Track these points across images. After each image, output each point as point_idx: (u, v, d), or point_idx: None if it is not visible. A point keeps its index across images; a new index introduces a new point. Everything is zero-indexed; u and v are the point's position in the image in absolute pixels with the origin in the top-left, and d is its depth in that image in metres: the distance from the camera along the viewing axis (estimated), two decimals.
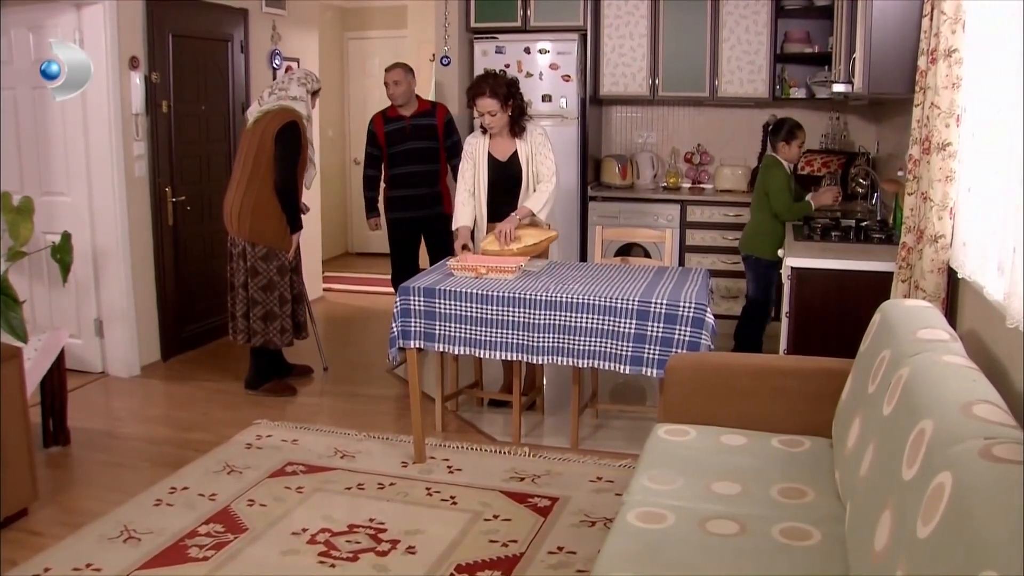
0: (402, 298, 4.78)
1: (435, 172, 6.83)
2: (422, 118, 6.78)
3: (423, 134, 6.77)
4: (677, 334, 4.41)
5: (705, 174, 7.95)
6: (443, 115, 6.83)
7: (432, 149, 6.79)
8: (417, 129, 6.76)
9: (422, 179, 6.81)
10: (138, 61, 6.32)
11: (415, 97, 6.82)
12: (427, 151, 6.79)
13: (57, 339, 5.05)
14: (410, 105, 6.78)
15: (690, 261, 7.36)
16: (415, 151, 6.78)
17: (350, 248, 11.79)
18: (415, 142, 6.76)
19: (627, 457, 4.89)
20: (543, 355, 4.61)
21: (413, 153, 6.78)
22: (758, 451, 3.40)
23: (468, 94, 5.51)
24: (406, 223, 6.89)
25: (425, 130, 6.77)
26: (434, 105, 6.91)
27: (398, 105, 6.77)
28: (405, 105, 6.76)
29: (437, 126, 6.78)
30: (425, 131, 6.77)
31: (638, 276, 4.98)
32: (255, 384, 6.11)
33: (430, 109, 6.84)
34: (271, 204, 5.78)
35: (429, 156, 6.80)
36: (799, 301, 4.55)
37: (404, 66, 6.82)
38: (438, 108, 6.88)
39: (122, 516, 4.30)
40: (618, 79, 7.63)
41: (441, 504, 4.41)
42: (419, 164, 6.78)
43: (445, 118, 6.82)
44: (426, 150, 6.79)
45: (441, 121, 6.79)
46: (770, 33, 7.29)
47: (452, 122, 6.87)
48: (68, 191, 6.34)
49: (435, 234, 6.87)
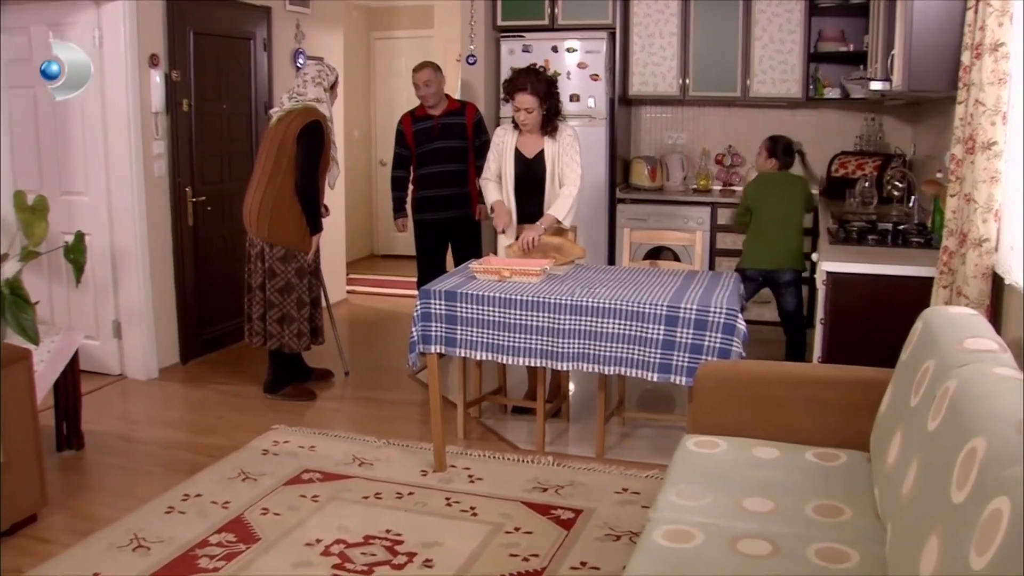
0: (422, 302, 4.64)
1: (464, 172, 6.68)
2: (451, 117, 6.64)
3: (452, 133, 6.62)
4: (707, 340, 4.25)
5: (736, 176, 7.78)
6: (472, 114, 6.68)
7: (461, 149, 6.65)
8: (446, 128, 6.62)
9: (451, 179, 6.67)
10: (158, 59, 6.22)
11: (444, 96, 6.68)
12: (456, 151, 6.64)
13: (71, 341, 4.95)
14: (440, 104, 6.63)
15: (720, 265, 7.19)
16: (444, 151, 6.63)
17: (375, 250, 11.68)
18: (444, 141, 6.61)
19: (654, 468, 4.73)
20: (568, 361, 4.46)
21: (442, 153, 6.63)
22: (792, 465, 3.23)
23: (506, 87, 5.38)
24: (434, 224, 6.74)
25: (454, 129, 6.63)
26: (463, 104, 6.77)
27: (428, 106, 6.62)
28: (435, 105, 6.62)
29: (467, 125, 6.64)
30: (454, 130, 6.63)
31: (667, 280, 4.83)
32: (274, 388, 5.99)
33: (459, 108, 6.69)
34: (291, 205, 5.66)
35: (458, 156, 6.65)
36: (834, 307, 4.37)
37: (433, 65, 6.64)
38: (467, 107, 6.74)
39: (133, 523, 4.17)
40: (647, 79, 7.47)
41: (460, 515, 4.26)
42: (448, 164, 6.64)
43: (475, 117, 6.68)
44: (455, 150, 6.64)
45: (471, 120, 6.65)
46: (803, 31, 7.12)
47: (482, 121, 6.73)
48: (87, 190, 6.25)
49: (462, 236, 6.75)
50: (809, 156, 7.55)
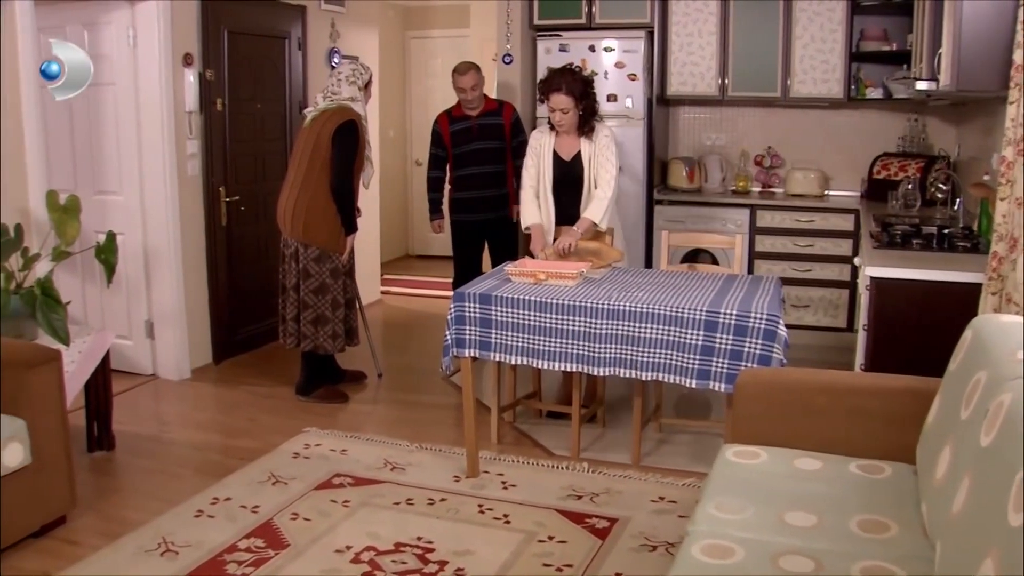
0: (456, 304, 4.56)
1: (502, 174, 6.61)
2: (489, 117, 6.56)
3: (490, 134, 6.55)
4: (747, 347, 4.14)
5: (776, 178, 7.65)
6: (510, 114, 6.61)
7: (499, 150, 6.57)
8: (484, 129, 6.55)
9: (488, 181, 6.60)
10: (192, 58, 6.19)
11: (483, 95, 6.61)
12: (494, 151, 6.57)
13: (102, 341, 4.92)
14: (479, 105, 6.56)
15: (759, 268, 7.08)
16: (482, 151, 6.57)
17: (410, 250, 11.63)
18: (482, 142, 6.54)
19: (691, 476, 4.63)
20: (605, 367, 4.37)
21: (480, 154, 6.57)
22: (835, 477, 3.13)
23: (541, 88, 5.30)
24: (470, 226, 6.68)
25: (492, 130, 6.55)
26: (501, 104, 6.68)
27: (470, 108, 6.55)
28: (476, 107, 6.55)
29: (504, 125, 6.56)
30: (492, 131, 6.55)
31: (706, 284, 4.72)
32: (306, 390, 5.94)
33: (497, 108, 6.61)
34: (326, 205, 5.61)
35: (496, 157, 6.58)
36: (878, 313, 4.25)
37: (476, 67, 6.52)
38: (505, 107, 6.65)
39: (161, 527, 4.13)
40: (686, 78, 7.36)
41: (493, 523, 4.18)
42: (485, 165, 6.57)
43: (512, 117, 6.60)
44: (493, 150, 6.57)
45: (508, 120, 6.58)
46: (845, 30, 6.97)
47: (519, 121, 6.65)
48: (120, 190, 6.23)
49: (499, 238, 6.69)
50: (850, 157, 7.41)
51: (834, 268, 6.95)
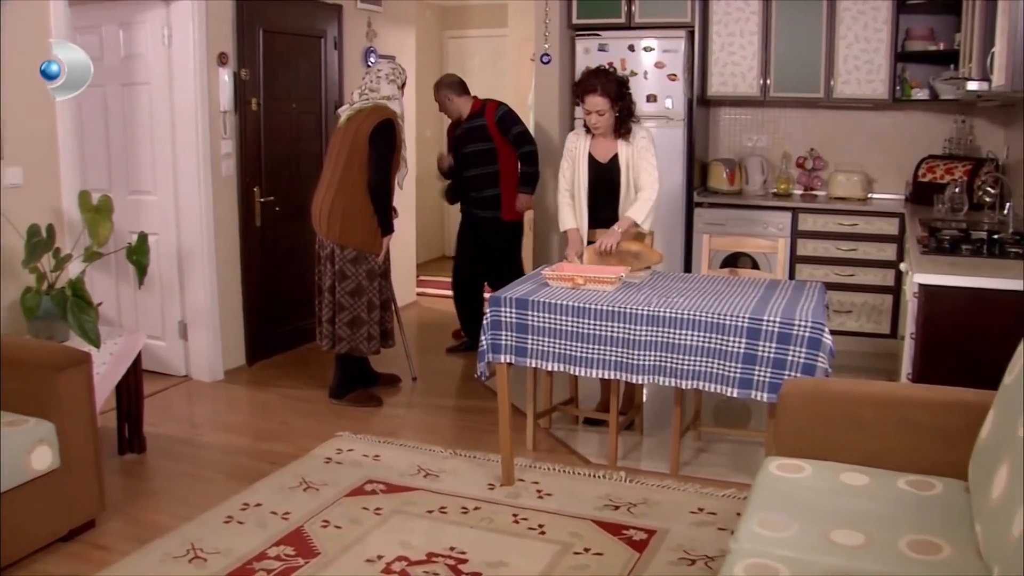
0: (493, 309, 4.47)
1: (492, 175, 6.70)
2: (473, 120, 6.70)
3: (476, 137, 6.68)
4: (791, 355, 4.02)
5: (818, 180, 7.51)
6: (492, 112, 6.64)
7: (487, 151, 6.66)
8: (471, 132, 6.70)
9: (480, 182, 6.77)
10: (227, 57, 6.14)
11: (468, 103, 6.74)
12: (481, 154, 6.69)
13: (134, 343, 4.87)
14: (463, 111, 6.74)
15: (801, 272, 6.94)
16: (471, 155, 6.74)
17: (446, 251, 11.54)
18: (472, 145, 6.70)
19: (731, 486, 4.51)
20: (644, 374, 4.26)
21: (471, 157, 6.74)
22: (883, 493, 3.00)
23: (576, 90, 5.21)
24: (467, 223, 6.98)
25: (477, 132, 6.68)
26: (484, 104, 6.72)
27: (451, 118, 6.87)
28: (460, 116, 6.76)
29: (487, 126, 6.62)
30: (477, 133, 6.68)
31: (748, 290, 4.60)
32: (339, 393, 5.87)
33: (480, 109, 6.69)
34: (363, 205, 5.54)
35: (485, 158, 6.69)
36: (926, 322, 4.10)
37: (438, 86, 6.81)
38: (487, 106, 6.70)
39: (190, 533, 4.06)
40: (727, 79, 7.23)
41: (528, 533, 4.07)
42: (477, 167, 6.73)
43: (496, 114, 6.63)
44: (480, 153, 6.69)
45: (491, 120, 6.61)
46: (891, 30, 6.81)
47: (507, 116, 6.65)
48: (154, 190, 6.19)
49: (492, 238, 6.85)
50: (894, 160, 7.25)
51: (878, 273, 6.80)
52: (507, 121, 6.61)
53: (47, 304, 4.50)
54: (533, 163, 6.63)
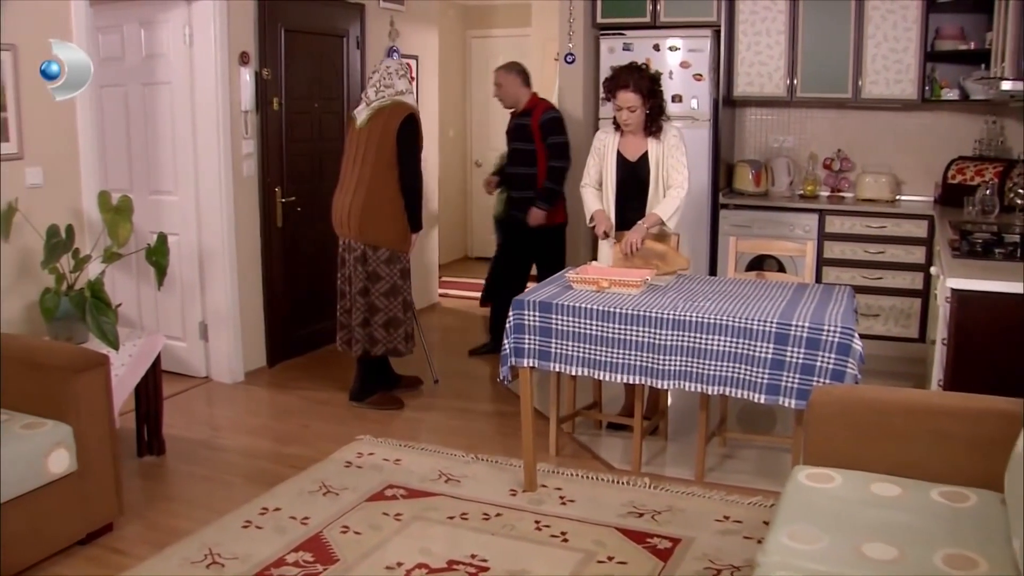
0: (516, 313, 4.40)
1: (531, 177, 6.56)
2: (521, 118, 6.59)
3: (521, 135, 6.58)
4: (820, 361, 3.93)
5: (846, 182, 7.40)
6: (539, 115, 6.48)
7: (528, 152, 6.55)
8: (517, 130, 6.62)
9: (517, 181, 6.67)
10: (248, 57, 6.10)
11: (527, 96, 6.59)
12: (524, 153, 6.58)
13: (153, 344, 4.83)
14: (518, 105, 6.60)
15: (828, 275, 6.83)
16: (514, 152, 6.68)
17: (469, 252, 11.50)
18: (516, 143, 6.63)
19: (757, 493, 4.43)
20: (669, 379, 4.18)
21: (514, 154, 6.68)
22: (916, 505, 2.92)
23: (607, 85, 5.11)
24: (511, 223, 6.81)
25: (522, 131, 6.58)
26: (537, 104, 6.60)
27: (505, 107, 6.70)
28: (514, 106, 6.61)
29: (531, 127, 6.49)
30: (522, 132, 6.57)
31: (775, 294, 4.52)
32: (360, 396, 5.81)
33: (530, 109, 6.56)
34: (393, 204, 5.50)
35: (525, 159, 6.58)
36: (959, 328, 4.01)
37: (506, 66, 6.66)
38: (537, 107, 6.56)
39: (208, 537, 4.02)
40: (753, 79, 7.13)
41: (551, 541, 4.00)
42: (518, 166, 6.65)
43: (541, 118, 6.47)
44: (522, 152, 6.60)
45: (536, 122, 6.47)
46: (920, 29, 6.69)
47: (551, 122, 6.48)
48: (175, 190, 6.15)
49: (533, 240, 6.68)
50: (923, 161, 7.14)
51: (906, 276, 6.70)
52: (548, 127, 6.45)
53: (66, 305, 4.46)
54: (558, 180, 6.46)
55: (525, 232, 6.60)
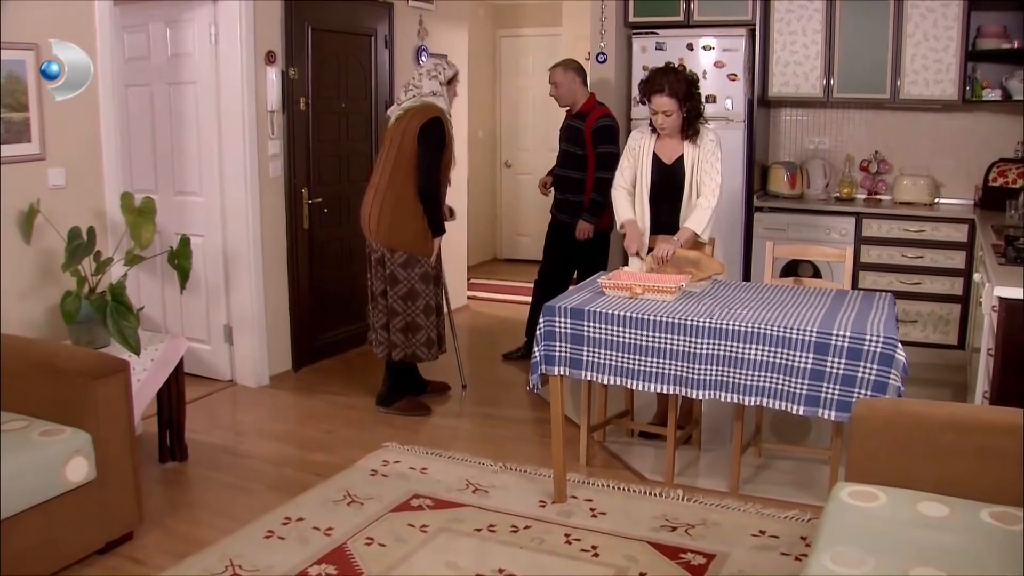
0: (547, 319, 4.27)
1: (578, 181, 6.39)
2: (575, 121, 6.39)
3: (571, 138, 6.39)
4: (861, 372, 3.79)
5: (883, 184, 7.24)
6: (593, 121, 6.27)
7: (578, 156, 6.36)
8: (568, 131, 6.42)
9: (565, 184, 6.50)
10: (275, 56, 6.00)
11: (584, 97, 6.40)
12: (572, 156, 6.41)
13: (175, 348, 4.74)
14: (575, 106, 6.41)
15: (864, 280, 6.68)
16: (563, 154, 6.48)
17: (498, 254, 11.39)
18: (566, 145, 6.43)
19: (794, 507, 4.28)
20: (704, 389, 4.04)
21: (563, 156, 6.49)
22: (965, 527, 2.79)
23: (643, 88, 4.98)
24: (554, 225, 6.63)
25: (573, 134, 6.38)
26: (593, 108, 6.38)
27: (561, 106, 6.52)
28: (571, 106, 6.43)
29: (583, 131, 6.30)
30: (573, 135, 6.38)
31: (814, 301, 4.38)
32: (387, 401, 5.71)
33: (585, 112, 6.36)
34: (412, 207, 5.38)
35: (574, 162, 6.39)
36: (1007, 338, 3.87)
37: (563, 64, 6.44)
38: (592, 112, 6.34)
39: (230, 548, 3.92)
40: (789, 79, 6.98)
41: (581, 555, 3.87)
42: (566, 169, 6.47)
43: (594, 125, 6.25)
44: (571, 155, 6.42)
45: (588, 127, 6.28)
46: (961, 28, 6.52)
47: (603, 130, 6.25)
48: (200, 191, 6.07)
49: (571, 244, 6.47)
50: (963, 163, 6.96)
51: (945, 281, 6.53)
52: (600, 135, 6.24)
53: (87, 308, 4.38)
54: (605, 192, 6.15)
55: (568, 236, 6.43)
